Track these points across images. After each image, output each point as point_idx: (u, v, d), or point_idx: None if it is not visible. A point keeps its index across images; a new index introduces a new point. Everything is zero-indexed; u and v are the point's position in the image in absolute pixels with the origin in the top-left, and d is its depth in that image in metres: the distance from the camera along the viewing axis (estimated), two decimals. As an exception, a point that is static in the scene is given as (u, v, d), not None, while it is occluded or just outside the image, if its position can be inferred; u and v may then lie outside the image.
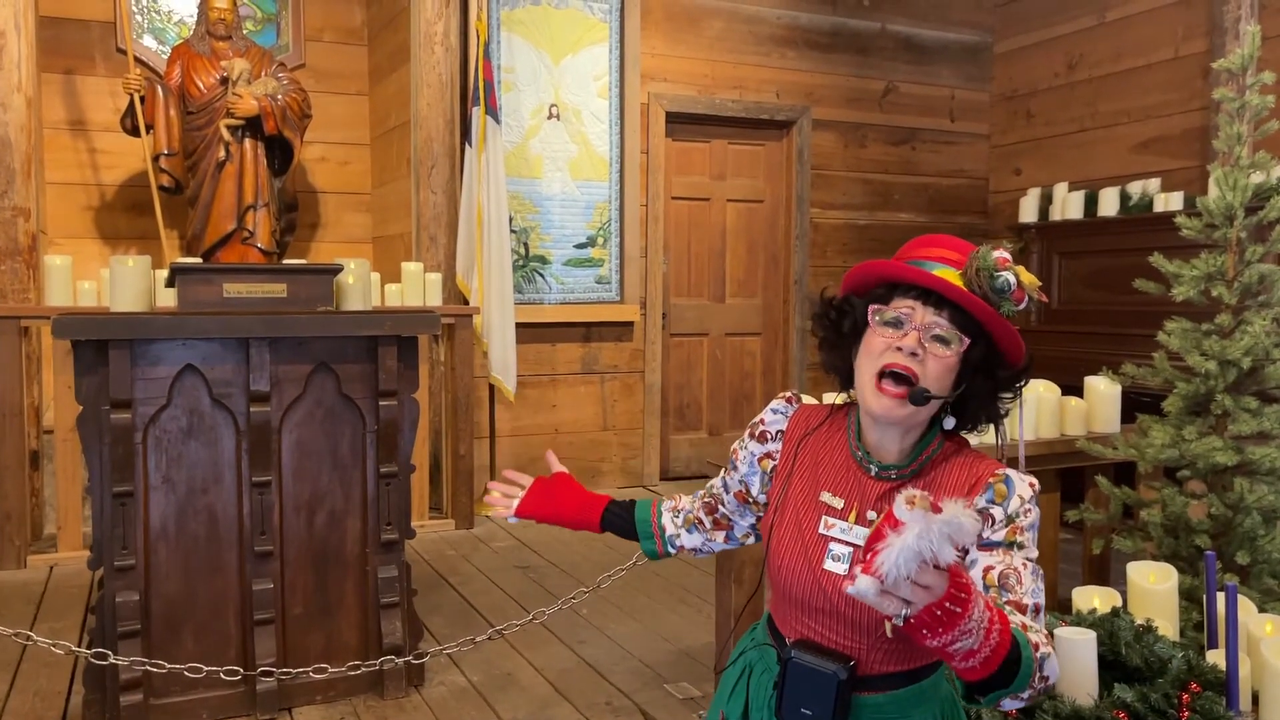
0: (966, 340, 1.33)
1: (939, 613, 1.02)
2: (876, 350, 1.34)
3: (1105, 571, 3.23)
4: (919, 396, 1.30)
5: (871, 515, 1.36)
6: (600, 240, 5.79)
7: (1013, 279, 1.32)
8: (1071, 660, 1.92)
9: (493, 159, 5.03)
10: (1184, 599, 2.42)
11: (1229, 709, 1.82)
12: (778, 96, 6.29)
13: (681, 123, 6.07)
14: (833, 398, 1.55)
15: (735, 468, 1.55)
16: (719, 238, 6.33)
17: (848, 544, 1.36)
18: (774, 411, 1.52)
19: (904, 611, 1.01)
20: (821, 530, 1.38)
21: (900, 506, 0.98)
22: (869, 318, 1.36)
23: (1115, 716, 1.79)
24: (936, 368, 1.32)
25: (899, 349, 1.32)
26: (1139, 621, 2.07)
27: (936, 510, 0.98)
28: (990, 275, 1.31)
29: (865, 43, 6.54)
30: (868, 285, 1.41)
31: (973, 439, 1.45)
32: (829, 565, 1.36)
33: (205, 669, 2.68)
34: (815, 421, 1.49)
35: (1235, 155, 2.58)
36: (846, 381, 1.44)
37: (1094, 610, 2.13)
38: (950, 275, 1.33)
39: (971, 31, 6.83)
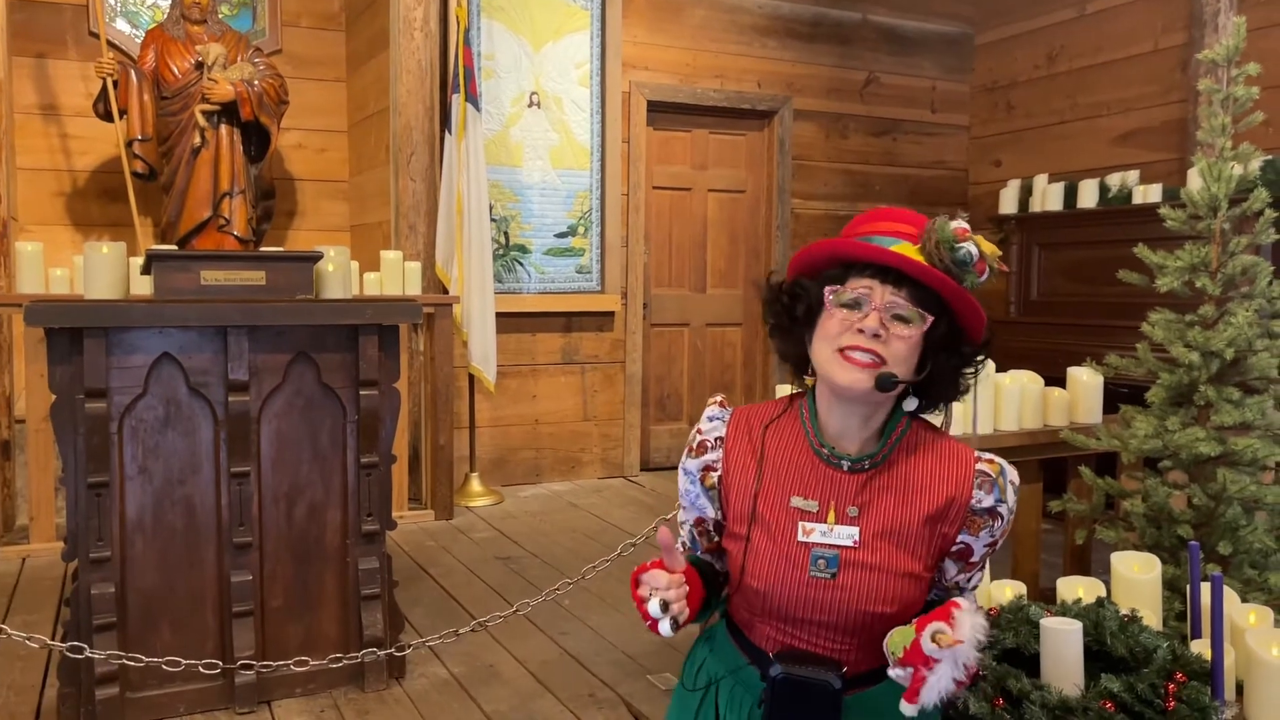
0: (929, 318, 1.26)
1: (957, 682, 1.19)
2: (834, 332, 1.27)
3: (1086, 562, 3.25)
4: (886, 383, 1.24)
5: (852, 511, 1.30)
6: (581, 229, 5.75)
7: (974, 250, 1.27)
8: (1058, 651, 1.92)
9: (473, 147, 4.98)
10: (1166, 589, 2.43)
11: (1214, 699, 1.83)
12: (759, 86, 6.27)
13: (663, 112, 6.04)
14: None
15: (693, 529, 1.42)
16: (700, 228, 6.31)
17: (832, 547, 1.29)
18: (710, 419, 1.42)
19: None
20: (801, 538, 1.30)
21: (929, 646, 1.15)
22: (824, 299, 1.28)
23: (1102, 706, 1.79)
24: (901, 348, 1.25)
25: (860, 330, 1.25)
26: (1124, 611, 2.07)
27: (959, 642, 1.15)
28: (951, 247, 1.25)
29: (847, 33, 6.53)
30: (820, 266, 1.32)
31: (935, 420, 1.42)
32: (815, 572, 1.29)
33: (183, 662, 2.64)
34: (757, 421, 1.39)
35: (1219, 147, 2.59)
36: (800, 369, 1.37)
37: (1078, 600, 2.13)
38: (908, 250, 1.27)
39: (952, 23, 6.84)
